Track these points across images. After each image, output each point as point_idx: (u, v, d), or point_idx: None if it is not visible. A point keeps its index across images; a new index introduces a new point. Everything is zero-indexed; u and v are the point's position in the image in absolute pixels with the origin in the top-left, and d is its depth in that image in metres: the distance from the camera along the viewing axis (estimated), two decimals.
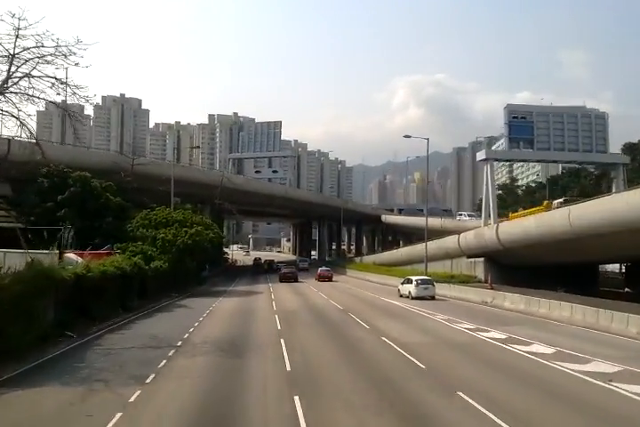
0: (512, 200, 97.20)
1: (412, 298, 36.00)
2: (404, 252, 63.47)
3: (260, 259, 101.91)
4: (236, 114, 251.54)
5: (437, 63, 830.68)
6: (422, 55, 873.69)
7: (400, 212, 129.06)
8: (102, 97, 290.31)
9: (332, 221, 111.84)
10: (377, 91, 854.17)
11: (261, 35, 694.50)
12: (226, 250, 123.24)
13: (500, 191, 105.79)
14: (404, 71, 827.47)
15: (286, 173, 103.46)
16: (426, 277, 37.97)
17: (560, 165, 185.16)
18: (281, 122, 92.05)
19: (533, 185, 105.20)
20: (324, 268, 64.20)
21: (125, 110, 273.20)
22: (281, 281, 57.77)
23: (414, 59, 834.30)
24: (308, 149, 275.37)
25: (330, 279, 59.68)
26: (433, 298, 36.51)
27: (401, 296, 38.22)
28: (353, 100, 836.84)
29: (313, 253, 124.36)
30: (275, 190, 78.03)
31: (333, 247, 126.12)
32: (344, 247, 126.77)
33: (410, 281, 37.36)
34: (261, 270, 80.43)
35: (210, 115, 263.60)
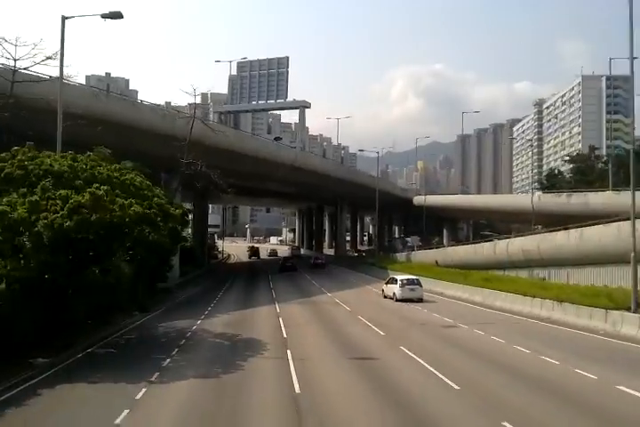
0: (596, 177, 71.93)
1: (397, 300, 31.37)
2: (514, 248, 37.75)
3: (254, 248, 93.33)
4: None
5: (435, 53, 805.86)
6: (420, 46, 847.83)
7: None
8: (86, 76, 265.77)
9: (349, 206, 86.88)
10: (374, 82, 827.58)
11: (255, 26, 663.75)
12: (218, 242, 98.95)
13: (573, 164, 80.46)
14: (402, 62, 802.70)
15: (293, 143, 78.62)
16: (412, 277, 33.54)
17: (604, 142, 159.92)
18: (288, 58, 66.31)
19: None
20: (317, 255, 70.20)
21: (111, 90, 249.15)
22: (280, 271, 57.03)
23: (412, 50, 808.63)
24: (310, 134, 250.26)
25: (323, 267, 61.56)
26: (421, 300, 31.27)
27: (385, 297, 33.58)
28: (350, 91, 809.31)
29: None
30: (281, 155, 52.82)
31: (347, 238, 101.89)
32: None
33: (394, 281, 33.04)
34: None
35: (203, 93, 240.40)
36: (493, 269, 37.62)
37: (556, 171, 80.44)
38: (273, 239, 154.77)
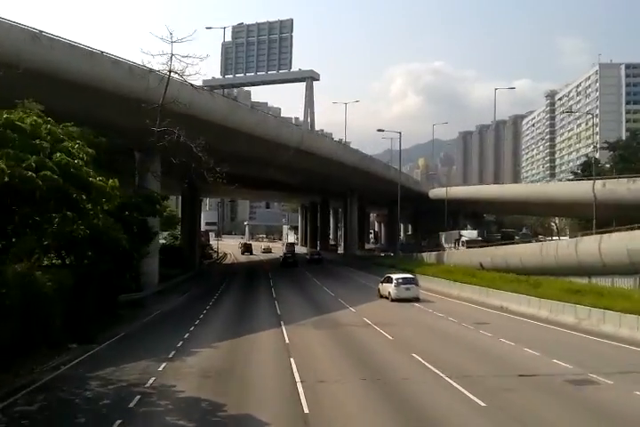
0: None
1: (392, 300, 29.68)
2: (611, 246, 27.76)
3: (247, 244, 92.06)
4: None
5: (435, 51, 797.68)
6: (420, 44, 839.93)
7: None
8: None
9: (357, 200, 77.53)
10: (374, 79, 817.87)
11: (252, 18, 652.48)
12: (214, 241, 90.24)
13: (613, 151, 71.32)
14: (402, 59, 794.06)
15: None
16: (408, 275, 31.85)
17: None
18: (292, 20, 56.15)
19: None
20: (313, 251, 73.06)
21: None
22: (282, 266, 58.54)
23: (412, 47, 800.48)
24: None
25: (320, 262, 63.14)
26: (417, 300, 29.45)
27: (381, 297, 31.26)
28: (349, 88, 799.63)
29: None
30: (284, 134, 43.30)
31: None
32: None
33: (390, 280, 31.01)
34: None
35: (204, 80, 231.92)
36: (570, 276, 28.53)
37: (593, 159, 71.26)
38: (291, 238, 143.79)
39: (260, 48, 54.85)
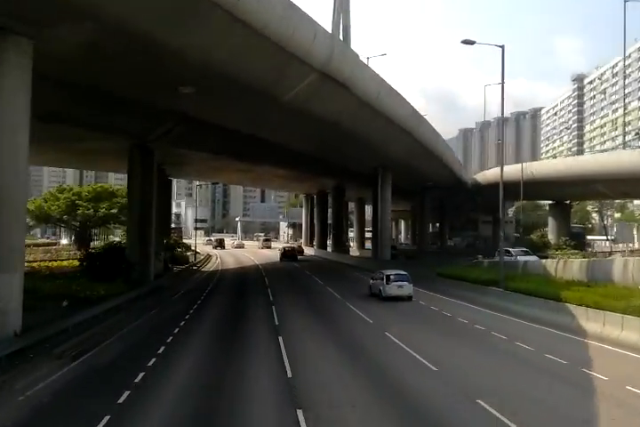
0: None
1: (383, 298, 27.96)
2: None
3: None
4: None
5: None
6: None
7: None
8: None
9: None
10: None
11: None
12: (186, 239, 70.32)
13: None
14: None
15: None
16: (401, 272, 29.11)
17: None
18: None
19: None
20: (287, 245, 75.30)
21: None
22: (282, 260, 58.38)
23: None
24: None
25: (302, 253, 66.84)
26: (410, 298, 27.91)
27: (371, 295, 29.62)
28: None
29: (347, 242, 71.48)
30: (299, 36, 22.97)
31: (367, 235, 72.98)
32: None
33: (381, 276, 29.14)
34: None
35: None
36: None
37: None
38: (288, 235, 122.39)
39: None
